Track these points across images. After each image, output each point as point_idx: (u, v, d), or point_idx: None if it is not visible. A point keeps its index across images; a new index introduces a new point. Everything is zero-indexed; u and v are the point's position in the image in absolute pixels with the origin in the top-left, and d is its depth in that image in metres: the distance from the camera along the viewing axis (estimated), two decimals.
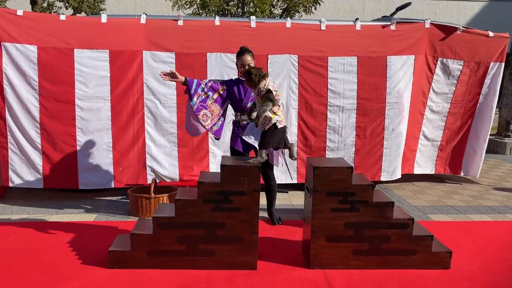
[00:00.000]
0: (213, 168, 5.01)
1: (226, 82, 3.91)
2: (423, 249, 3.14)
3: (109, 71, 4.72)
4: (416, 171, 5.76)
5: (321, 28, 5.06)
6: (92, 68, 4.69)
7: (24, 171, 4.73)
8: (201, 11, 10.23)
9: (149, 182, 4.76)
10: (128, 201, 4.48)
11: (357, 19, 5.27)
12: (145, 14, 4.82)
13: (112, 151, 4.82)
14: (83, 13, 11.04)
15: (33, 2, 10.86)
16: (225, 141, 4.66)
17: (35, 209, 4.46)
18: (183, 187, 3.72)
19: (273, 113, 3.21)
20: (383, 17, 6.24)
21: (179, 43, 4.83)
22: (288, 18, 5.20)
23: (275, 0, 10.51)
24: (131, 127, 4.86)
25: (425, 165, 5.82)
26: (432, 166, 5.85)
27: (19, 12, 4.58)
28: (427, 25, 5.29)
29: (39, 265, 3.09)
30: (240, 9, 10.23)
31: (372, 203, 3.10)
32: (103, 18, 4.74)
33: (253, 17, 5.04)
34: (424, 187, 5.75)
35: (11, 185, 4.72)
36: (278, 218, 4.12)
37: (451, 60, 5.47)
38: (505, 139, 8.94)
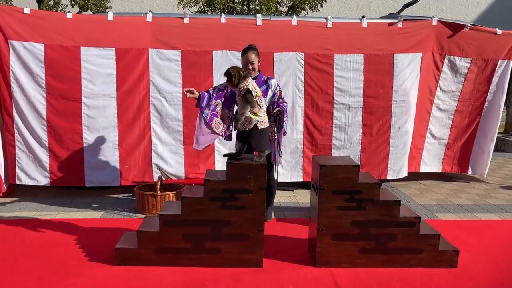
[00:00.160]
0: (219, 166, 5.01)
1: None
2: (430, 248, 3.12)
3: (115, 69, 4.74)
4: (422, 170, 5.74)
5: (327, 26, 5.04)
6: (98, 66, 4.71)
7: (31, 169, 4.77)
8: (206, 9, 10.22)
9: (155, 180, 4.77)
10: (134, 198, 4.49)
11: (363, 16, 5.25)
12: (151, 12, 4.83)
13: (118, 148, 4.84)
14: (89, 11, 11.09)
15: (39, 0, 10.89)
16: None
17: (43, 207, 4.49)
18: (189, 185, 3.72)
19: (253, 113, 3.18)
20: (389, 14, 6.20)
21: (185, 41, 4.83)
22: (294, 16, 5.18)
23: None
24: (137, 125, 4.87)
25: (432, 163, 5.78)
26: (439, 164, 5.81)
27: (26, 10, 4.61)
28: (434, 22, 5.25)
29: (47, 261, 3.11)
30: (245, 7, 10.21)
31: (378, 202, 3.08)
32: (109, 16, 4.76)
33: (259, 15, 5.03)
34: (431, 185, 5.72)
35: (18, 182, 4.77)
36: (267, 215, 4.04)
37: (459, 57, 5.42)
38: None
